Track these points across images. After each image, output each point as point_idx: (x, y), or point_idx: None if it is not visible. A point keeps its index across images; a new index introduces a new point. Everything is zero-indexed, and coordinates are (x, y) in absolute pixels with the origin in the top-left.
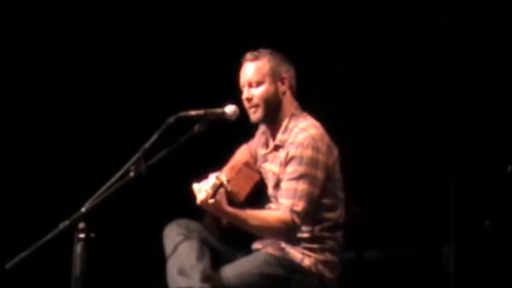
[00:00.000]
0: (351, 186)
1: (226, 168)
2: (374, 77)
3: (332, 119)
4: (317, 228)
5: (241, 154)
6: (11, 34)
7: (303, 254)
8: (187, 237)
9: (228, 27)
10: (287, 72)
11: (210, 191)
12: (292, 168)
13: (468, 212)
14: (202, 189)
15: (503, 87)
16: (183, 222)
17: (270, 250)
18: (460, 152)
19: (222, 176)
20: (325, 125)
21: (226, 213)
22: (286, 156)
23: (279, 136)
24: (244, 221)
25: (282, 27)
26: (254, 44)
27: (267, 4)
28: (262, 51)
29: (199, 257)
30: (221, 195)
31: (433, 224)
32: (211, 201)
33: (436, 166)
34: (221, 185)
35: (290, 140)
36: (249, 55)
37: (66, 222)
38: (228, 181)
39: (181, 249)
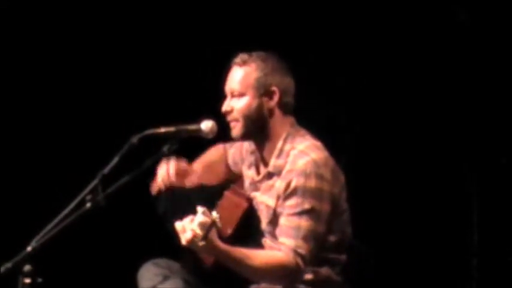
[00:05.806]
0: (351, 216)
1: (196, 174)
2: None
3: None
4: (324, 270)
5: (215, 156)
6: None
7: None
8: (168, 277)
9: (207, 25)
10: (279, 85)
11: (201, 232)
12: (294, 202)
13: (493, 247)
14: (187, 228)
15: None
16: (163, 261)
17: None
18: (482, 179)
19: (213, 213)
20: (325, 134)
21: (219, 252)
22: (287, 188)
23: (273, 161)
24: (238, 262)
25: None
26: (243, 46)
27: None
28: (255, 55)
29: None
30: (213, 233)
31: (450, 263)
32: (202, 243)
33: (454, 194)
34: (213, 223)
35: (288, 166)
36: (238, 58)
37: (9, 265)
38: (220, 217)
39: None
